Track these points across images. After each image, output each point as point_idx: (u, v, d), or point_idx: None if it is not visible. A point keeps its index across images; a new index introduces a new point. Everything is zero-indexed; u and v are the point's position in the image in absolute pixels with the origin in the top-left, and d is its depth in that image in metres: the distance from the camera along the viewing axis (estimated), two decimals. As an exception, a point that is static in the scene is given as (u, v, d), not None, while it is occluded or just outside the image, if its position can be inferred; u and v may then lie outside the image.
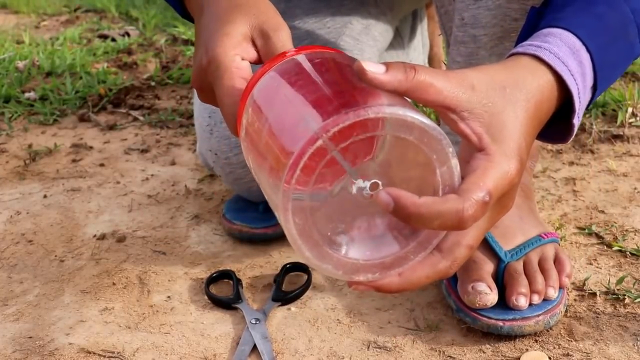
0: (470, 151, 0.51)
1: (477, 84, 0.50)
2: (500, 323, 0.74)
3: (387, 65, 0.47)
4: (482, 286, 0.75)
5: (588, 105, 0.59)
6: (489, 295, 0.74)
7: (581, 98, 0.56)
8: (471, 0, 0.74)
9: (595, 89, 0.58)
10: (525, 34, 0.61)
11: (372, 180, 0.46)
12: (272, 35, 0.61)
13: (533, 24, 0.61)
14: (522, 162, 0.50)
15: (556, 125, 0.58)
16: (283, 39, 0.62)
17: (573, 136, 0.58)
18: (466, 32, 0.76)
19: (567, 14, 0.58)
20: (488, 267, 0.78)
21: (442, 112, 0.50)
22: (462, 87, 0.49)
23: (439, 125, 0.49)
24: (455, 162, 0.47)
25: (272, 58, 0.58)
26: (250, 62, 0.62)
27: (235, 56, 0.60)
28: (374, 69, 0.47)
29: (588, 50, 0.56)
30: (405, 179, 0.48)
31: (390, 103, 0.46)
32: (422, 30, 1.31)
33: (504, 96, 0.51)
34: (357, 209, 0.48)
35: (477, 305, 0.74)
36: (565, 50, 0.55)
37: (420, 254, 0.49)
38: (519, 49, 0.55)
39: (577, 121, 0.57)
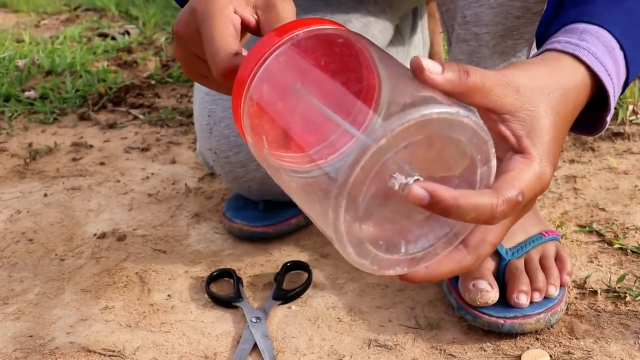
0: (503, 150, 0.52)
1: (522, 87, 0.50)
2: (501, 321, 0.73)
3: (443, 65, 0.47)
4: (483, 284, 0.75)
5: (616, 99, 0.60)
6: (490, 293, 0.74)
7: (615, 96, 0.57)
8: None
9: (625, 84, 0.59)
10: (547, 20, 0.60)
11: (415, 177, 0.46)
12: (277, 4, 0.58)
13: (555, 11, 0.60)
14: (554, 166, 0.51)
15: (586, 118, 0.58)
16: (288, 9, 0.58)
17: (603, 130, 0.59)
18: (468, 30, 0.76)
19: (599, 9, 0.57)
20: (489, 264, 0.78)
21: (484, 112, 0.50)
22: (507, 90, 0.49)
23: None
24: (494, 163, 0.48)
25: (283, 27, 0.53)
26: (245, 26, 0.59)
27: (229, 5, 0.56)
28: (432, 67, 0.47)
29: (622, 48, 0.56)
30: (446, 176, 0.48)
31: (447, 102, 0.46)
32: (423, 29, 1.31)
33: (548, 101, 0.51)
34: (394, 205, 0.48)
35: (478, 303, 0.74)
36: (602, 50, 0.55)
37: (447, 249, 0.50)
38: (557, 45, 0.55)
39: (609, 118, 0.57)
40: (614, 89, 0.56)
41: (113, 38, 2.10)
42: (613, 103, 0.56)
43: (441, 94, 0.47)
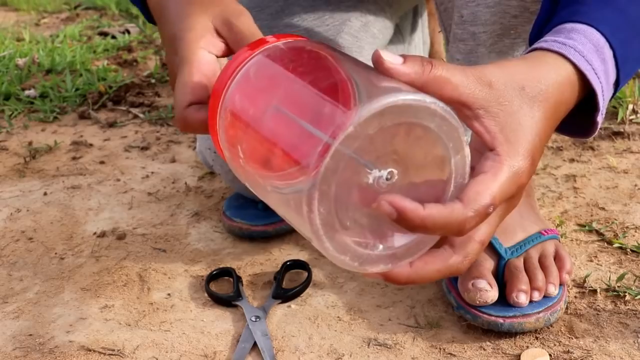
0: (482, 147, 0.51)
1: (495, 82, 0.49)
2: (501, 320, 0.74)
3: (405, 57, 0.47)
4: (482, 283, 0.75)
5: (610, 100, 0.59)
6: (490, 292, 0.74)
7: (604, 95, 0.56)
8: None
9: (617, 84, 0.58)
10: (541, 22, 0.60)
11: (389, 169, 0.46)
12: (234, 22, 0.61)
13: (549, 13, 0.60)
14: (534, 162, 0.50)
15: (578, 120, 0.58)
16: (247, 22, 0.61)
17: (596, 132, 0.58)
18: (465, 30, 0.76)
19: (589, 8, 0.57)
20: (488, 264, 0.78)
21: (458, 108, 0.49)
22: (479, 84, 0.49)
23: None
24: (467, 151, 0.47)
25: (248, 45, 0.56)
26: (220, 56, 0.61)
27: (200, 50, 0.60)
28: (391, 59, 0.47)
29: (611, 47, 0.56)
30: (420, 167, 0.48)
31: (412, 90, 0.46)
32: (423, 27, 1.31)
33: (522, 95, 0.50)
34: (371, 200, 0.48)
35: (478, 302, 0.74)
36: (589, 48, 0.54)
37: (428, 245, 0.50)
38: (543, 44, 0.54)
39: (600, 118, 0.57)
40: (602, 87, 0.55)
41: (113, 37, 2.10)
42: (602, 102, 0.56)
43: (407, 86, 0.47)
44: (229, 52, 0.62)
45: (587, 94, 0.55)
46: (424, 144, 0.47)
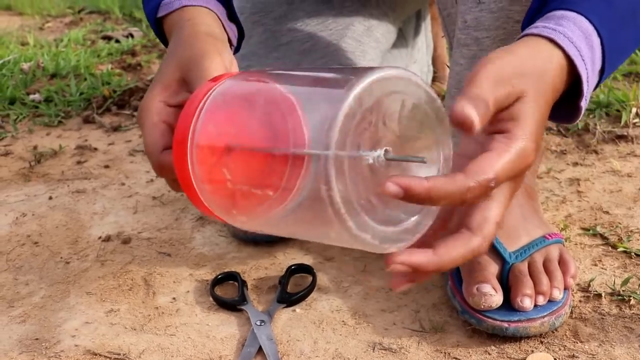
0: (465, 144, 0.54)
1: (503, 76, 0.51)
2: (506, 324, 0.74)
3: (468, 106, 0.49)
4: (486, 288, 0.75)
5: (595, 88, 0.61)
6: (494, 296, 0.74)
7: (589, 82, 0.58)
8: (473, 3, 0.74)
9: (602, 72, 0.60)
10: (533, 11, 0.61)
11: (384, 148, 0.49)
12: (193, 68, 0.61)
13: (541, 2, 0.61)
14: (538, 145, 0.52)
15: (564, 107, 0.59)
16: (207, 66, 0.61)
17: (580, 117, 0.60)
18: (469, 35, 0.76)
19: None
20: (493, 268, 0.78)
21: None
22: (495, 85, 0.51)
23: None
24: (448, 122, 0.51)
25: (208, 81, 0.57)
26: (182, 105, 0.61)
27: (158, 103, 0.62)
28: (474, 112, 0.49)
29: (599, 35, 0.57)
30: (413, 142, 0.51)
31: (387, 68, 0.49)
32: (426, 31, 1.31)
33: (525, 82, 0.52)
34: (379, 178, 0.50)
35: (482, 306, 0.74)
36: (578, 35, 0.56)
37: (430, 219, 0.52)
38: (534, 30, 0.56)
39: (584, 103, 0.58)
40: (587, 74, 0.57)
41: (117, 41, 2.11)
42: (587, 88, 0.57)
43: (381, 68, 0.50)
44: None
45: (573, 80, 0.57)
46: (413, 120, 0.50)
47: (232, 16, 0.74)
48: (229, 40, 0.71)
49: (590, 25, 0.57)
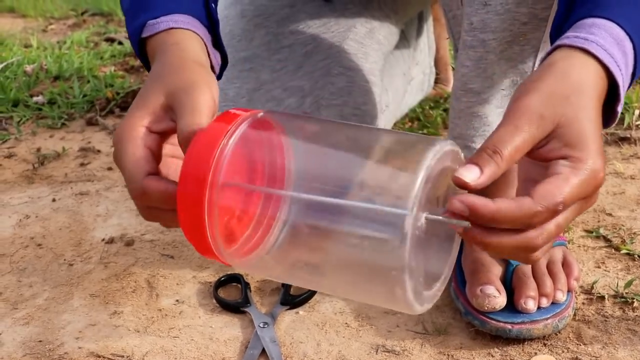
0: (530, 167, 0.55)
1: (544, 111, 0.52)
2: (509, 326, 0.74)
3: (476, 163, 0.51)
4: (490, 289, 0.75)
5: (626, 90, 0.62)
6: (498, 298, 0.75)
7: (624, 86, 0.58)
8: (480, 5, 0.74)
9: (633, 75, 0.60)
10: (560, 19, 0.61)
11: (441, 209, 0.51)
12: (181, 98, 0.58)
13: (566, 10, 0.61)
14: (604, 157, 0.53)
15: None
16: (196, 98, 0.58)
17: (616, 121, 0.60)
18: (475, 37, 0.76)
19: (609, 4, 0.58)
20: (496, 270, 0.78)
21: (531, 154, 0.53)
22: (534, 125, 0.52)
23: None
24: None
25: (220, 118, 0.55)
26: (167, 132, 0.60)
27: (141, 127, 0.59)
28: (471, 176, 0.50)
29: (631, 40, 0.58)
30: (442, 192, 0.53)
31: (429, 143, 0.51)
32: (428, 33, 1.31)
33: (571, 105, 0.53)
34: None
35: (486, 308, 0.74)
36: (610, 42, 0.56)
37: (450, 270, 0.56)
38: (565, 40, 0.56)
39: (620, 108, 0.59)
40: (622, 79, 0.57)
41: (120, 43, 2.11)
42: (623, 93, 0.58)
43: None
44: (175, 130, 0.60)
45: (608, 85, 0.57)
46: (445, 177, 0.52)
47: (217, 43, 0.72)
48: (212, 68, 0.69)
49: (622, 30, 0.57)
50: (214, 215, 0.53)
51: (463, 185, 0.50)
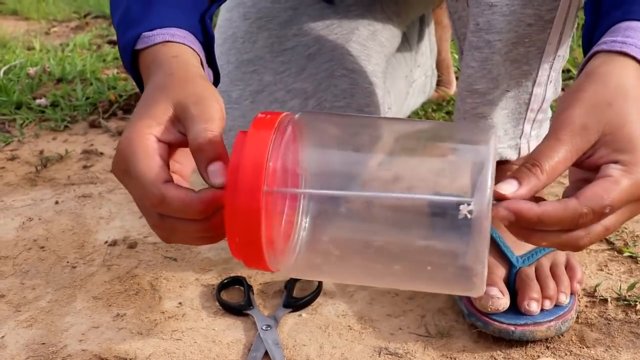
0: (584, 171, 0.54)
1: (587, 121, 0.52)
2: (512, 328, 0.74)
3: (517, 178, 0.51)
4: (494, 290, 0.75)
5: None
6: (501, 299, 0.75)
7: None
8: (486, 6, 0.75)
9: None
10: (590, 26, 0.61)
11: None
12: (191, 108, 0.57)
13: (594, 17, 0.62)
14: None
15: None
16: (204, 109, 0.57)
17: None
18: (481, 38, 0.76)
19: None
20: (500, 272, 0.78)
21: (578, 164, 0.53)
22: (577, 136, 0.52)
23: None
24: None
25: (258, 123, 0.54)
26: (173, 144, 0.59)
27: (151, 136, 0.57)
28: (509, 189, 0.51)
29: None
30: None
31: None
32: (430, 36, 1.31)
33: (615, 111, 0.53)
34: None
35: (489, 309, 0.74)
36: None
37: None
38: (603, 46, 0.56)
39: None
40: None
41: (122, 45, 2.11)
42: None
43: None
44: (184, 142, 0.59)
45: None
46: None
47: (210, 61, 0.71)
48: None
49: None
50: (269, 223, 0.52)
51: (503, 199, 0.50)
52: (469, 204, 0.47)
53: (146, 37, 0.65)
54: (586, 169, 0.53)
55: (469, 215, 0.47)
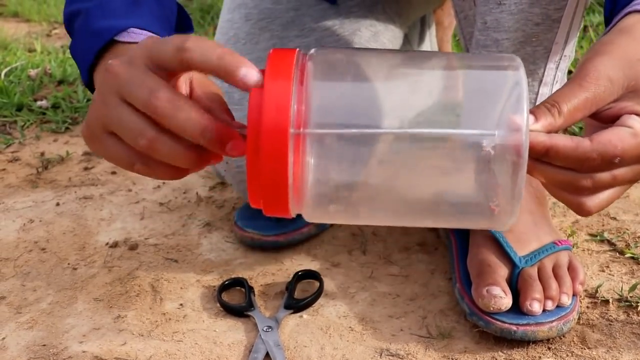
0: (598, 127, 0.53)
1: (613, 74, 0.50)
2: (514, 327, 0.73)
3: (534, 113, 0.49)
4: (496, 290, 0.75)
5: None
6: (504, 299, 0.74)
7: None
8: (494, 4, 0.75)
9: None
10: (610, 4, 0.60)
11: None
12: (192, 39, 0.50)
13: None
14: None
15: None
16: (207, 41, 0.52)
17: None
18: (488, 36, 0.77)
19: None
20: (502, 271, 0.78)
21: (596, 116, 0.52)
22: (601, 86, 0.50)
23: None
24: None
25: (276, 55, 0.50)
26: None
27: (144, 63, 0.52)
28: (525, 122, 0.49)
29: None
30: None
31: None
32: (431, 37, 1.31)
33: None
34: None
35: (492, 309, 0.74)
36: None
37: None
38: (638, 7, 0.55)
39: None
40: None
41: (123, 47, 2.11)
42: None
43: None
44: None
45: None
46: None
47: None
48: None
49: None
50: (296, 167, 0.49)
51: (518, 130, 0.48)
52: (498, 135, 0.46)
53: (134, 34, 0.62)
54: (605, 122, 0.51)
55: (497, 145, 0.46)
